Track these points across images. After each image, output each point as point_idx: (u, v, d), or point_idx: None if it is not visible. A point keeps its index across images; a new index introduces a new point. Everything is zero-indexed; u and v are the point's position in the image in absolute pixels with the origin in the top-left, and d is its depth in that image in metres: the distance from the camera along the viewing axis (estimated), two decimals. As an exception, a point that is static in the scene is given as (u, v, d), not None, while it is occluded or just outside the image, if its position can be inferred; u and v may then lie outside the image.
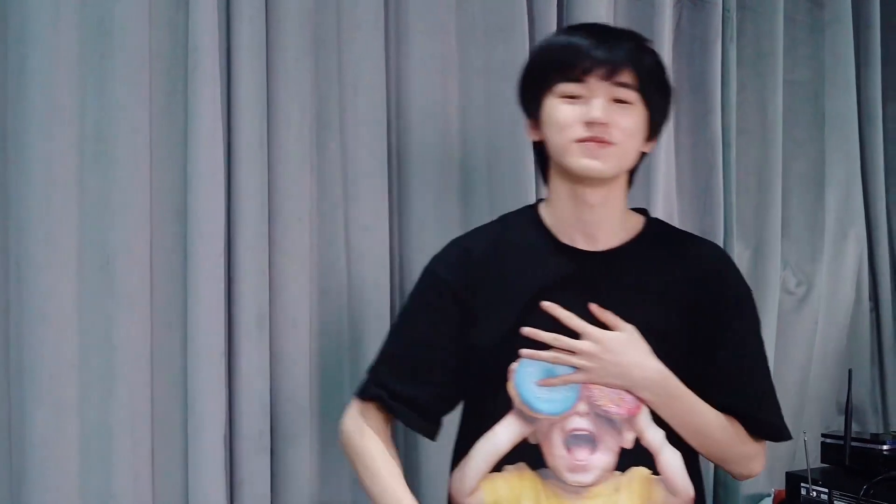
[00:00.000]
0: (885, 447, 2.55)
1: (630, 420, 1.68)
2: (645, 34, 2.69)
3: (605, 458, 1.66)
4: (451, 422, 1.88)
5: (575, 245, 1.78)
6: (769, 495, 2.94)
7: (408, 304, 1.90)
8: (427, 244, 2.19)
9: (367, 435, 1.80)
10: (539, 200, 1.90)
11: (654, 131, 1.77)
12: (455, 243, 1.89)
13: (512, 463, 1.70)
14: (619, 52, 1.69)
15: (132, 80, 2.04)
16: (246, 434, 2.15)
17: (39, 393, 1.94)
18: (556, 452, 1.66)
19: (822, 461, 2.68)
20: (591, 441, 1.66)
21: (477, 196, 2.45)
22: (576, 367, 1.67)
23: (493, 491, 1.69)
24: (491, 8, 2.46)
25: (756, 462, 1.85)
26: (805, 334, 3.09)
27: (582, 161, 1.68)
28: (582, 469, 1.65)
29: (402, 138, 2.38)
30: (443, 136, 2.42)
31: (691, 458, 1.77)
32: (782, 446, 3.02)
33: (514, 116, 1.93)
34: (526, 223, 1.84)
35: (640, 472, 1.69)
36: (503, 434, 1.69)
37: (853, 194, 3.19)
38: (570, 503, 1.66)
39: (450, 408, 1.85)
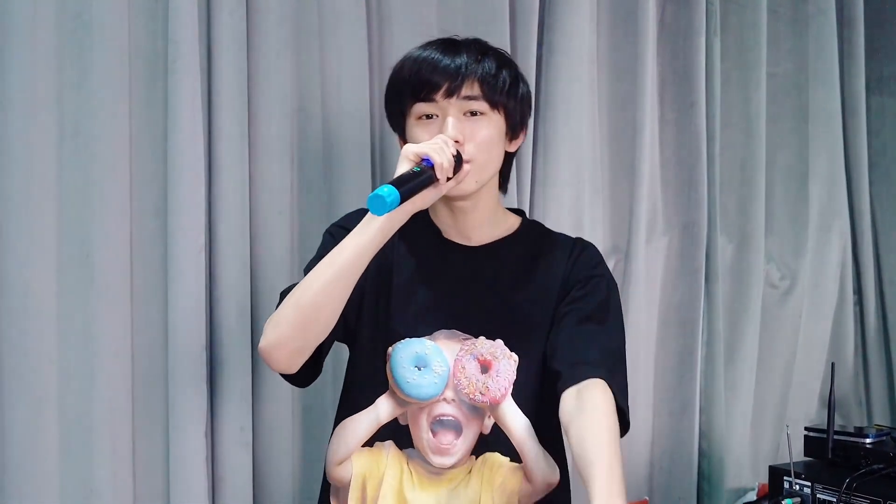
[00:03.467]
0: (867, 440, 2.56)
1: (493, 408, 1.74)
2: (629, 28, 2.74)
3: (466, 443, 1.75)
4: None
5: (454, 241, 1.87)
6: (753, 489, 2.95)
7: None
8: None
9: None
10: None
11: (516, 131, 1.84)
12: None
13: (382, 440, 1.78)
14: (461, 67, 1.73)
15: (111, 74, 2.02)
16: (227, 429, 2.14)
17: (19, 388, 1.93)
18: (422, 435, 1.75)
19: (806, 454, 2.69)
20: (456, 426, 1.75)
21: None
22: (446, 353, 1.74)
23: (361, 464, 1.78)
24: (473, 0, 2.46)
25: None
26: (789, 328, 3.10)
27: None
28: (445, 452, 1.74)
29: (384, 132, 2.37)
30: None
31: (557, 447, 1.80)
32: (766, 440, 3.05)
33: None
34: (422, 219, 1.86)
35: (494, 457, 1.76)
36: (376, 412, 1.77)
37: (837, 187, 3.20)
38: (430, 482, 1.76)
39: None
